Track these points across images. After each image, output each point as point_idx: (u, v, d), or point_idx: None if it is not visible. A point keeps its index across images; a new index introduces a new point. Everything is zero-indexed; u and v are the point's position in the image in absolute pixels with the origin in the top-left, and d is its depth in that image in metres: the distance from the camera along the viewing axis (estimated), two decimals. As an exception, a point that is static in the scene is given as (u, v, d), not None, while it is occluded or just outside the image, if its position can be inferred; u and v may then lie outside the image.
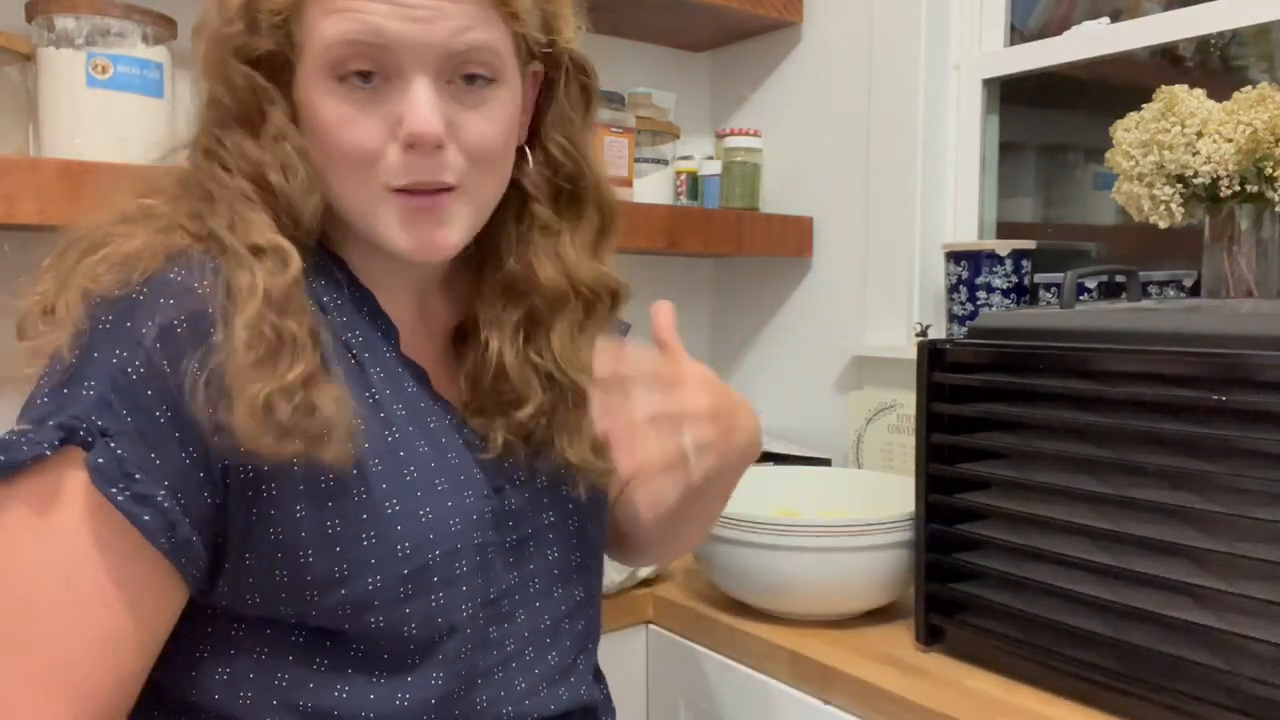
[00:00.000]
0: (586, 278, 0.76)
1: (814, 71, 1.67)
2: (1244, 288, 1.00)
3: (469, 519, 0.69)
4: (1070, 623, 0.87)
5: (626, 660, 1.21)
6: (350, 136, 0.65)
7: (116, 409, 0.59)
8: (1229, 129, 0.96)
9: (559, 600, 0.77)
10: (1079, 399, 0.88)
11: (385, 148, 0.66)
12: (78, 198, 1.03)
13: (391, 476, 0.66)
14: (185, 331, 0.60)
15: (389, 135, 0.65)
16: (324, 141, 0.66)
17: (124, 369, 0.59)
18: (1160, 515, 0.82)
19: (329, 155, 0.67)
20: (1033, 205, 1.60)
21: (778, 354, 1.77)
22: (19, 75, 1.12)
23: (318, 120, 0.66)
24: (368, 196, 0.67)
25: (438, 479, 0.68)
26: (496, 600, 0.71)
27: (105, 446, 0.58)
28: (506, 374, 0.74)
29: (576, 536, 0.79)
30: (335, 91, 0.65)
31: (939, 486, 0.99)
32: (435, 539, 0.66)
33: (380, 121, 0.65)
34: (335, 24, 0.63)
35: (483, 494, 0.71)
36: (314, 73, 0.65)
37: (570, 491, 0.78)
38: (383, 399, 0.68)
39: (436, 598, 0.66)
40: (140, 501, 0.59)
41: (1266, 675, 0.75)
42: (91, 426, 0.58)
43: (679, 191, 1.69)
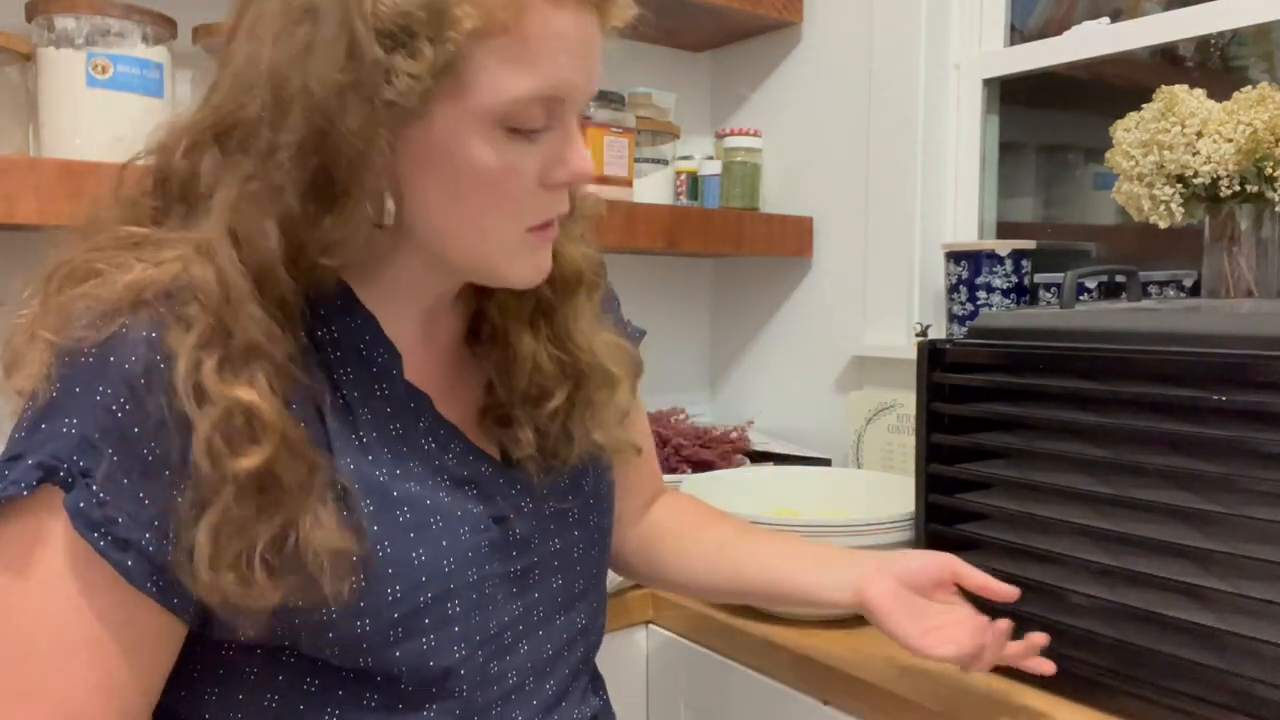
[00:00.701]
0: (580, 260, 0.75)
1: (814, 71, 1.67)
2: (1244, 288, 1.00)
3: (464, 556, 0.67)
4: (1070, 622, 0.87)
5: (626, 660, 1.21)
6: (511, 187, 0.63)
7: (100, 448, 0.56)
8: (1229, 129, 0.96)
9: (561, 628, 0.75)
10: (1079, 399, 0.88)
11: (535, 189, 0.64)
12: (78, 198, 1.03)
13: (383, 518, 0.63)
14: (165, 367, 0.57)
15: (540, 177, 0.64)
16: (471, 191, 0.62)
17: (108, 406, 0.56)
18: (1160, 515, 0.82)
19: (472, 204, 0.63)
20: (1033, 205, 1.60)
21: (778, 354, 1.77)
22: (19, 75, 1.12)
23: (468, 169, 0.61)
24: (505, 240, 0.65)
25: (433, 517, 0.66)
26: (497, 634, 0.69)
27: (86, 489, 0.56)
28: (540, 368, 0.73)
29: (581, 563, 0.78)
30: (501, 142, 0.61)
31: (939, 486, 0.99)
32: (427, 581, 0.64)
33: (537, 166, 0.64)
34: (524, 79, 0.60)
35: (480, 527, 0.69)
36: (476, 120, 0.60)
37: (582, 515, 0.77)
38: (370, 441, 0.65)
39: (428, 640, 0.65)
40: (123, 547, 0.56)
41: (1267, 675, 0.75)
42: (72, 467, 0.55)
43: (679, 191, 1.69)
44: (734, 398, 1.86)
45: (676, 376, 1.87)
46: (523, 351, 0.73)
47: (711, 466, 1.47)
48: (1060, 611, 0.88)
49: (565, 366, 0.74)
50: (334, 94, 0.57)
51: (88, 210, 0.65)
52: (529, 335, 0.74)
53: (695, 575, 0.91)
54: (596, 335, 0.76)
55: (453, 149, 0.61)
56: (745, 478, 1.36)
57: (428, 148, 0.61)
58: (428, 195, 0.63)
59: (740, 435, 1.60)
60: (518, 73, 0.60)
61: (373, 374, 0.67)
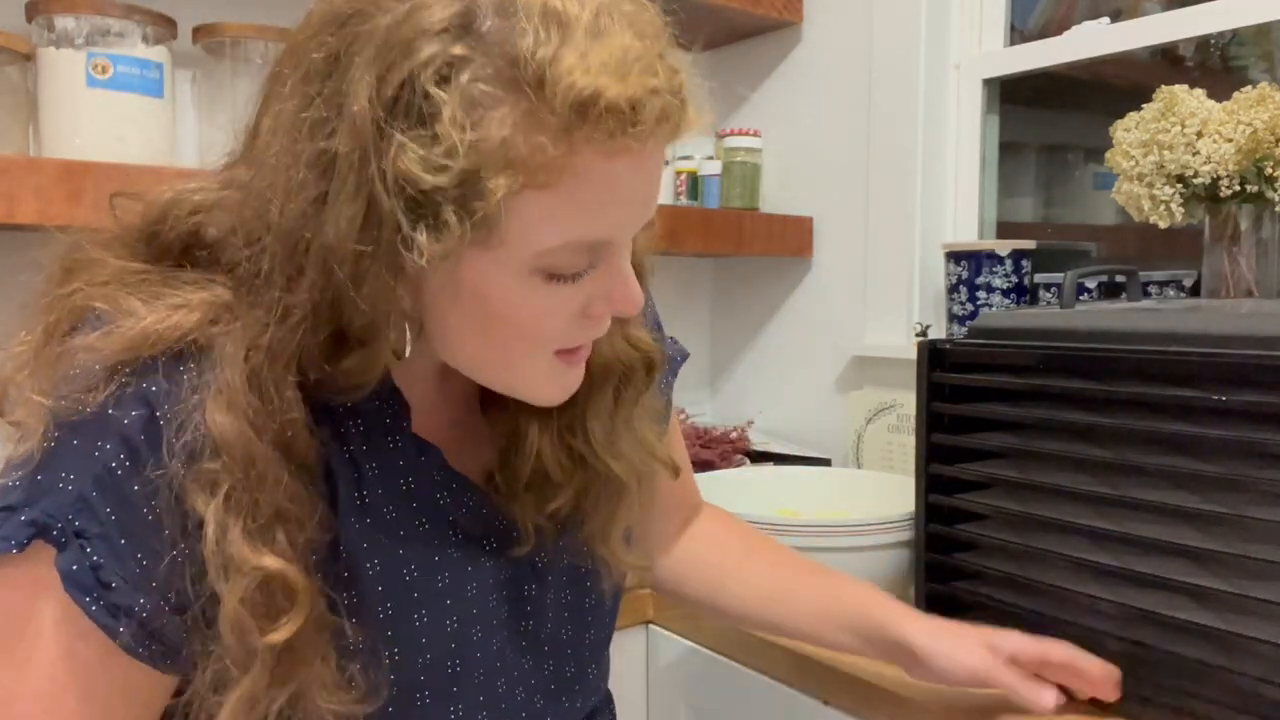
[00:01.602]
0: (615, 355, 0.68)
1: (814, 71, 1.67)
2: (1244, 288, 1.00)
3: (469, 614, 0.65)
4: (1071, 622, 0.87)
5: (626, 660, 1.21)
6: (546, 325, 0.58)
7: (97, 507, 0.53)
8: (1229, 129, 0.96)
9: (574, 680, 0.73)
10: (1079, 399, 0.88)
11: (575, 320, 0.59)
12: (78, 198, 1.03)
13: (387, 579, 0.61)
14: (173, 424, 0.54)
15: (582, 311, 0.59)
16: (499, 330, 0.57)
17: (107, 463, 0.53)
18: (1160, 515, 0.82)
19: (498, 339, 0.58)
20: (1033, 205, 1.60)
21: (778, 354, 1.77)
22: (19, 75, 1.12)
23: (501, 311, 0.56)
24: (534, 366, 0.60)
25: (440, 574, 0.63)
26: (507, 693, 0.67)
27: (80, 550, 0.53)
28: (541, 459, 0.67)
29: (594, 613, 0.75)
30: (538, 288, 0.56)
31: (939, 486, 0.99)
32: (428, 643, 0.62)
33: (579, 303, 0.58)
34: (564, 233, 0.54)
35: (489, 582, 0.66)
36: (508, 268, 0.55)
37: (594, 568, 0.73)
38: (376, 499, 0.62)
39: (422, 698, 0.62)
40: (115, 613, 0.53)
41: (1268, 675, 0.75)
42: (67, 526, 0.52)
43: (679, 191, 1.69)
44: (734, 398, 1.86)
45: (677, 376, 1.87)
46: (526, 441, 0.67)
47: (711, 466, 1.47)
48: (1061, 611, 0.88)
49: (575, 460, 0.69)
50: (351, 262, 0.52)
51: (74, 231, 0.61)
52: (537, 424, 0.67)
53: (748, 614, 0.90)
54: (620, 437, 0.69)
55: (483, 295, 0.56)
56: (745, 478, 1.36)
57: (455, 289, 0.56)
58: (453, 327, 0.58)
59: (740, 435, 1.60)
60: (557, 226, 0.54)
61: (385, 425, 0.63)
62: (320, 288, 0.53)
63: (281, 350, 0.54)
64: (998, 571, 0.93)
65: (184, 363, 0.55)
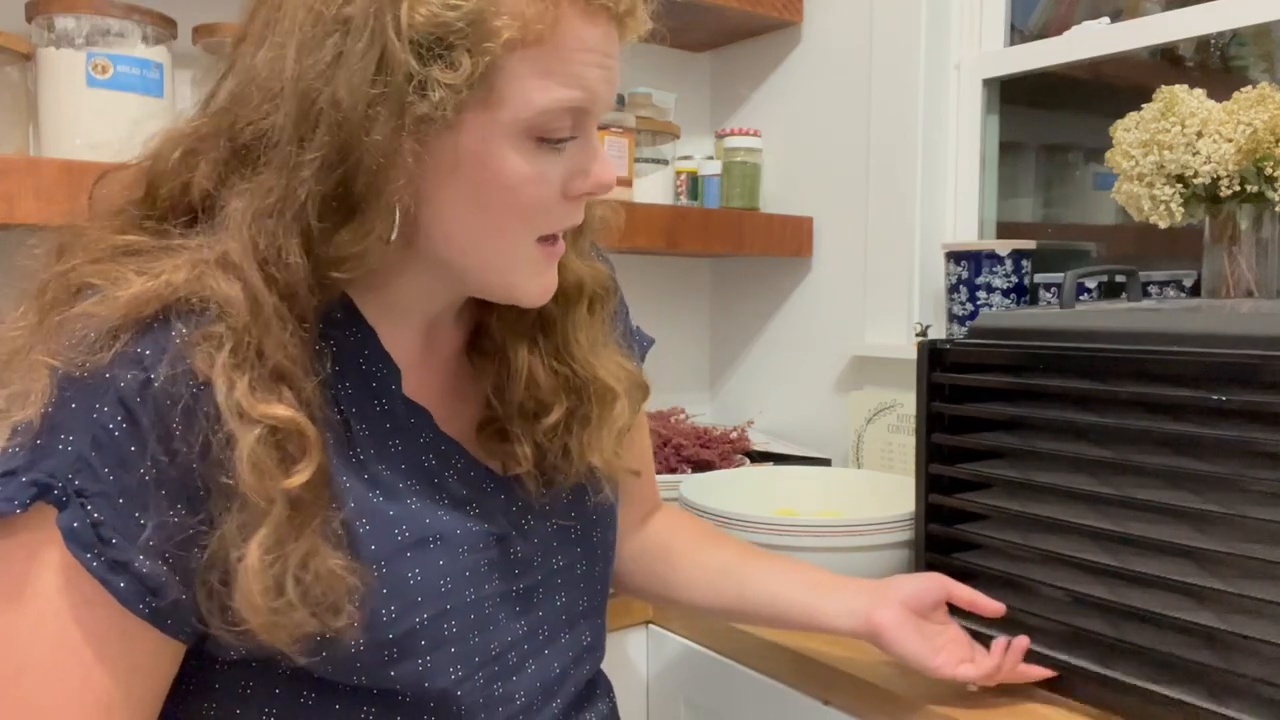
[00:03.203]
0: (584, 273, 0.74)
1: (814, 71, 1.67)
2: (1244, 288, 1.00)
3: (461, 576, 0.66)
4: (1070, 623, 0.87)
5: (626, 660, 1.21)
6: (537, 193, 0.63)
7: (96, 467, 0.55)
8: (1229, 129, 0.96)
9: (567, 647, 0.75)
10: (1079, 399, 0.88)
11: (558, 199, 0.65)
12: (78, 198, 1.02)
13: (380, 538, 0.63)
14: (168, 386, 0.56)
15: (563, 188, 0.64)
16: (496, 200, 0.62)
17: (105, 425, 0.55)
18: (1160, 515, 0.82)
19: (494, 213, 0.63)
20: (1033, 205, 1.60)
21: (778, 354, 1.77)
22: (19, 75, 1.12)
23: (498, 178, 0.61)
24: (519, 250, 0.65)
25: (431, 536, 0.65)
26: (500, 655, 0.68)
27: (80, 508, 0.55)
28: (537, 382, 0.72)
29: (585, 580, 0.77)
30: (530, 151, 0.61)
31: (939, 486, 0.99)
32: (422, 601, 0.64)
33: (562, 176, 0.64)
34: (555, 89, 0.60)
35: (480, 545, 0.68)
36: (505, 130, 0.60)
37: (584, 530, 0.77)
38: (368, 459, 0.64)
39: (424, 661, 0.64)
40: (115, 568, 0.55)
41: (1268, 675, 0.75)
42: (67, 485, 0.54)
43: (679, 191, 1.69)
44: (734, 398, 1.86)
45: (676, 376, 1.87)
46: (519, 365, 0.72)
47: (711, 466, 1.47)
48: (1060, 612, 0.88)
49: (563, 381, 0.74)
50: (363, 107, 0.56)
51: (69, 221, 0.63)
52: (526, 348, 0.73)
53: (696, 595, 0.92)
54: (599, 351, 0.75)
55: (483, 158, 0.60)
56: (745, 478, 1.36)
57: (455, 158, 0.60)
58: (448, 205, 0.62)
59: (740, 435, 1.60)
60: (549, 83, 0.60)
61: (372, 389, 0.66)
62: (331, 139, 0.56)
63: (289, 203, 0.57)
64: (998, 571, 0.93)
65: (180, 320, 0.57)
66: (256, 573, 0.55)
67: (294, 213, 0.57)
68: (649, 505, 0.96)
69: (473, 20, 0.56)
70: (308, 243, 0.59)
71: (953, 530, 0.98)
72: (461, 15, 0.56)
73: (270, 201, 0.58)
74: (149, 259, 0.59)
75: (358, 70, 0.56)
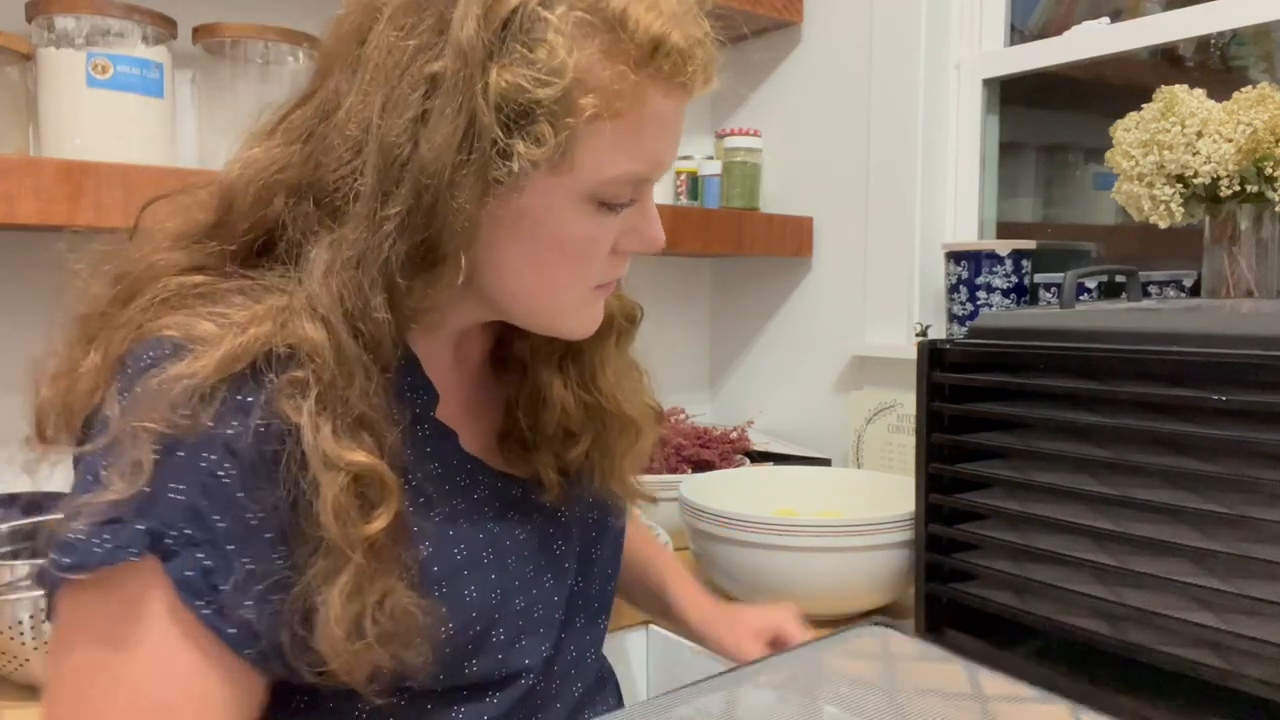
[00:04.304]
0: (614, 309, 0.76)
1: (814, 71, 1.67)
2: (1244, 288, 1.00)
3: (511, 586, 0.68)
4: (1070, 623, 0.87)
5: (626, 660, 1.21)
6: (594, 253, 0.64)
7: (206, 515, 0.55)
8: (1229, 129, 0.96)
9: (584, 630, 0.77)
10: (1079, 399, 0.88)
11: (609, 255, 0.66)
12: (78, 198, 1.03)
13: (441, 559, 0.64)
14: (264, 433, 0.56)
15: (615, 245, 0.66)
16: (550, 254, 0.63)
17: (214, 472, 0.55)
18: (1160, 515, 0.82)
19: (550, 268, 0.64)
20: (1033, 205, 1.60)
21: (778, 354, 1.77)
22: (19, 75, 1.12)
23: (554, 236, 0.62)
24: (573, 298, 0.66)
25: (485, 551, 0.67)
26: (537, 647, 0.70)
27: (191, 556, 0.55)
28: (568, 412, 0.74)
29: (611, 564, 0.80)
30: (591, 215, 0.62)
31: (939, 486, 0.99)
32: (478, 615, 0.65)
33: (614, 235, 0.65)
34: (625, 162, 0.61)
35: (525, 553, 0.70)
36: (570, 194, 0.61)
37: (603, 518, 0.79)
38: (419, 483, 0.65)
39: (470, 665, 0.65)
40: (225, 615, 0.55)
41: (1267, 675, 0.75)
42: (180, 535, 0.55)
43: (679, 191, 1.69)
44: (734, 398, 1.86)
45: (676, 376, 1.87)
46: (552, 395, 0.73)
47: (711, 466, 1.47)
48: (1060, 611, 0.88)
49: (590, 411, 0.75)
50: (449, 171, 0.56)
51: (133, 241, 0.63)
52: (559, 379, 0.74)
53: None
54: (624, 384, 0.77)
55: (541, 218, 0.61)
56: (745, 478, 1.36)
57: (517, 214, 0.61)
58: (503, 255, 0.63)
59: (740, 435, 1.60)
60: (621, 156, 0.61)
61: (415, 414, 0.66)
62: (415, 201, 0.57)
63: (374, 258, 0.58)
64: (997, 571, 0.93)
65: (271, 369, 0.57)
66: (338, 616, 0.56)
67: (379, 267, 0.58)
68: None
69: (560, 98, 0.56)
70: (392, 296, 0.59)
71: (953, 530, 0.97)
72: (551, 91, 0.56)
73: (354, 254, 0.58)
74: (220, 303, 0.59)
75: (445, 133, 0.56)
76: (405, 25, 0.57)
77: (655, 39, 0.58)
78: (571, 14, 0.57)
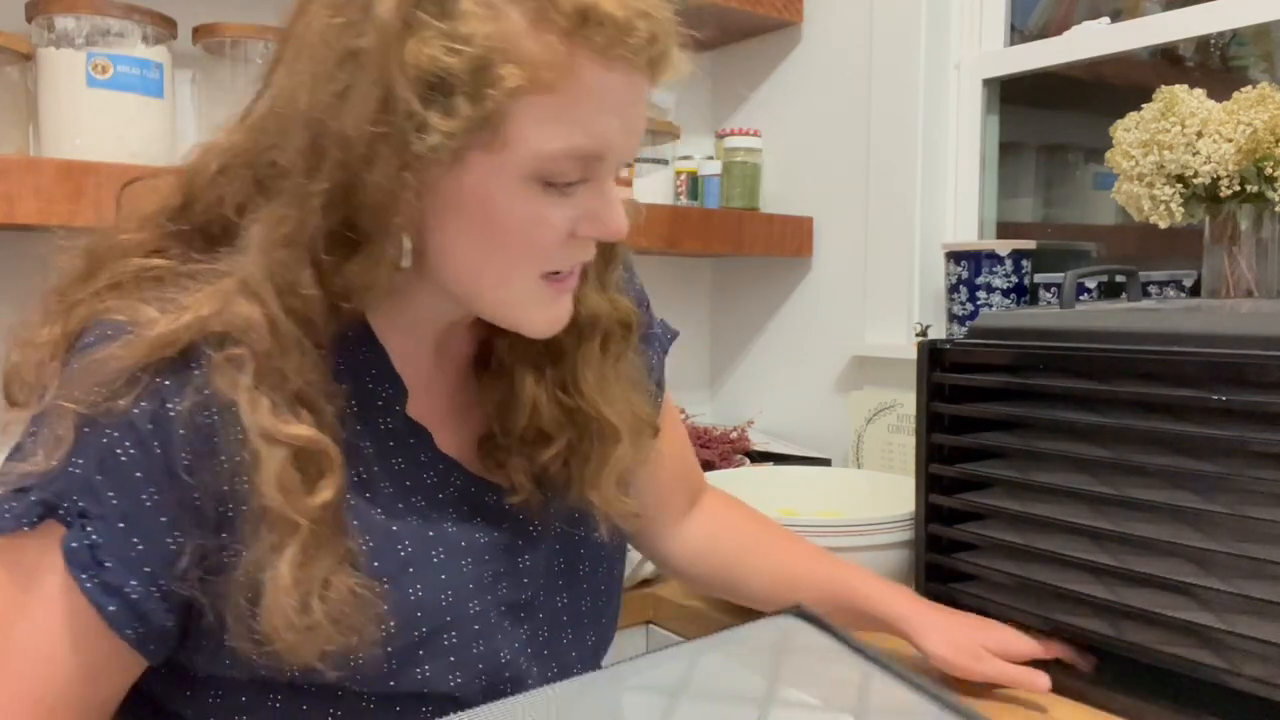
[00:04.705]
0: (603, 309, 0.73)
1: (814, 71, 1.67)
2: (1244, 288, 1.00)
3: (464, 589, 0.67)
4: (1071, 623, 0.87)
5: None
6: (539, 235, 0.62)
7: (100, 491, 0.57)
8: (1229, 129, 0.96)
9: (570, 646, 0.75)
10: (1079, 399, 0.88)
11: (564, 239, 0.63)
12: (78, 198, 1.03)
13: (382, 555, 0.63)
14: (188, 415, 0.57)
15: (570, 229, 0.63)
16: (497, 237, 0.61)
17: (113, 449, 0.57)
18: (1160, 515, 0.82)
19: (496, 251, 0.62)
20: (1033, 205, 1.60)
21: (778, 354, 1.77)
22: (19, 75, 1.12)
23: (497, 218, 0.60)
24: (520, 284, 0.64)
25: (434, 550, 0.66)
26: (509, 663, 0.69)
27: (81, 529, 0.57)
28: (538, 411, 0.71)
29: (589, 581, 0.77)
30: (534, 195, 0.60)
31: (939, 486, 0.99)
32: (423, 616, 0.64)
33: (569, 219, 0.62)
34: (563, 136, 0.58)
35: (485, 558, 0.69)
36: (510, 173, 0.59)
37: (588, 535, 0.76)
38: (371, 477, 0.65)
39: (422, 671, 0.64)
40: (108, 591, 0.57)
41: (1267, 675, 0.75)
42: (72, 506, 0.57)
43: (679, 191, 1.69)
44: (734, 398, 1.86)
45: (676, 376, 1.86)
46: (523, 393, 0.71)
47: (711, 467, 1.47)
48: (1060, 612, 0.88)
49: (568, 414, 0.72)
50: (365, 144, 0.56)
51: (103, 223, 0.64)
52: (532, 377, 0.71)
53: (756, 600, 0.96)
54: (608, 390, 0.73)
55: (483, 198, 0.60)
56: (745, 478, 1.36)
57: (458, 195, 0.60)
58: (452, 239, 0.62)
59: (740, 435, 1.60)
60: (557, 130, 0.58)
61: (377, 407, 0.67)
62: (336, 174, 0.57)
63: (300, 234, 0.58)
64: (998, 571, 0.93)
65: (202, 350, 0.58)
66: (288, 590, 0.56)
67: (305, 244, 0.58)
68: (693, 488, 0.97)
69: (475, 68, 0.55)
70: (319, 273, 0.59)
71: (953, 530, 0.97)
72: (463, 61, 0.55)
73: (284, 231, 0.58)
74: (171, 288, 0.60)
75: (362, 107, 0.55)
76: (336, 4, 0.57)
77: (583, 7, 0.55)
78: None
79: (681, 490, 0.95)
